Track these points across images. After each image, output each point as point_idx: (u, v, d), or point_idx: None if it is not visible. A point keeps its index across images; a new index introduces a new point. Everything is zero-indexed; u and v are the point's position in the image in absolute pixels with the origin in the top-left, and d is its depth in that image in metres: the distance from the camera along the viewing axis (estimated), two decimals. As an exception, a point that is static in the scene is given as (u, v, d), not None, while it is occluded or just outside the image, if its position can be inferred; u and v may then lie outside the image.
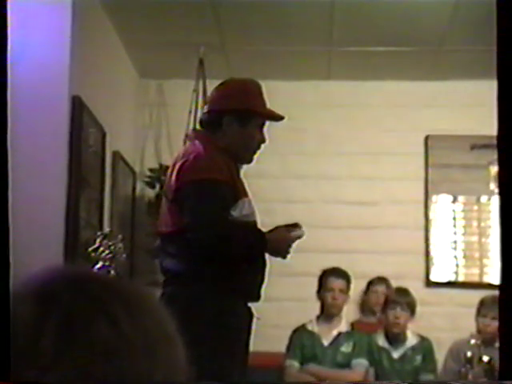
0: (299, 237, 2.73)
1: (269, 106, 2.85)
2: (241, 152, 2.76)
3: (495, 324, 4.06)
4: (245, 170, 2.88)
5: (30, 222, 3.18)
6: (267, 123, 2.86)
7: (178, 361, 0.67)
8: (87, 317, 0.63)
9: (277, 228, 2.72)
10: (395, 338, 4.21)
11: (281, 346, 4.23)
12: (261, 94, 2.82)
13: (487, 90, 5.57)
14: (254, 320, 2.72)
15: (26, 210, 3.12)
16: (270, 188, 4.95)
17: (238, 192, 2.65)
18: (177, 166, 2.67)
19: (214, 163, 2.63)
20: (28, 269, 0.68)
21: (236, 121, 2.74)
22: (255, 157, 2.83)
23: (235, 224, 2.62)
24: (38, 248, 3.15)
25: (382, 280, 4.81)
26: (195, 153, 2.66)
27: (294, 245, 2.75)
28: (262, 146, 2.82)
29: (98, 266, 3.05)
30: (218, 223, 2.57)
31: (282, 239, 2.70)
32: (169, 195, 2.71)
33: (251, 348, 2.75)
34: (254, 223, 2.72)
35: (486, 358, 3.76)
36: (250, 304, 2.71)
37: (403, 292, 4.25)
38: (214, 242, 2.56)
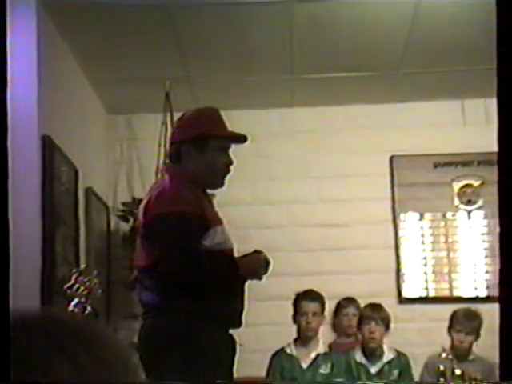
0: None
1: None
2: (207, 178, 2.77)
3: (469, 339, 4.15)
4: (216, 198, 2.93)
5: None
6: (234, 148, 2.86)
7: None
8: (45, 355, 0.65)
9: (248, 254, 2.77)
10: (372, 354, 4.26)
11: (260, 371, 4.25)
12: (217, 118, 2.82)
13: (445, 110, 5.71)
14: (237, 347, 2.75)
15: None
16: (241, 215, 4.99)
17: (207, 221, 2.67)
18: (144, 202, 2.73)
19: (179, 196, 2.65)
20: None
21: (193, 148, 2.76)
22: (226, 180, 2.82)
23: (205, 254, 2.63)
24: (15, 287, 3.17)
25: (350, 301, 4.84)
26: (161, 187, 2.71)
27: (270, 269, 2.81)
28: (232, 168, 2.80)
29: (74, 302, 3.08)
30: (187, 255, 2.58)
31: (255, 261, 2.74)
32: (140, 231, 2.77)
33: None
34: (229, 251, 2.74)
35: (458, 372, 3.83)
36: (231, 331, 2.74)
37: (377, 307, 4.31)
38: (184, 273, 2.58)
